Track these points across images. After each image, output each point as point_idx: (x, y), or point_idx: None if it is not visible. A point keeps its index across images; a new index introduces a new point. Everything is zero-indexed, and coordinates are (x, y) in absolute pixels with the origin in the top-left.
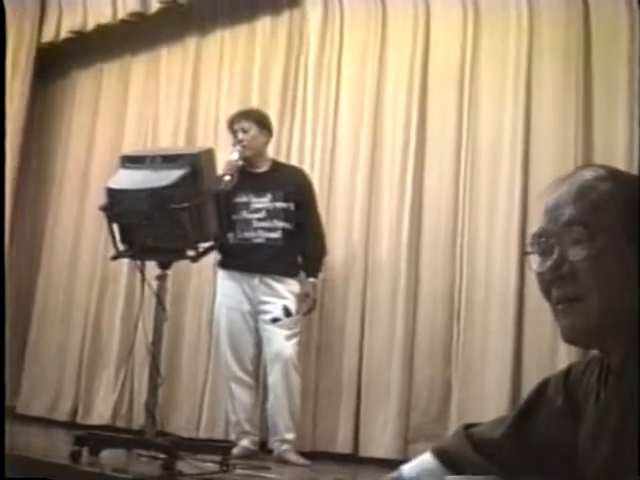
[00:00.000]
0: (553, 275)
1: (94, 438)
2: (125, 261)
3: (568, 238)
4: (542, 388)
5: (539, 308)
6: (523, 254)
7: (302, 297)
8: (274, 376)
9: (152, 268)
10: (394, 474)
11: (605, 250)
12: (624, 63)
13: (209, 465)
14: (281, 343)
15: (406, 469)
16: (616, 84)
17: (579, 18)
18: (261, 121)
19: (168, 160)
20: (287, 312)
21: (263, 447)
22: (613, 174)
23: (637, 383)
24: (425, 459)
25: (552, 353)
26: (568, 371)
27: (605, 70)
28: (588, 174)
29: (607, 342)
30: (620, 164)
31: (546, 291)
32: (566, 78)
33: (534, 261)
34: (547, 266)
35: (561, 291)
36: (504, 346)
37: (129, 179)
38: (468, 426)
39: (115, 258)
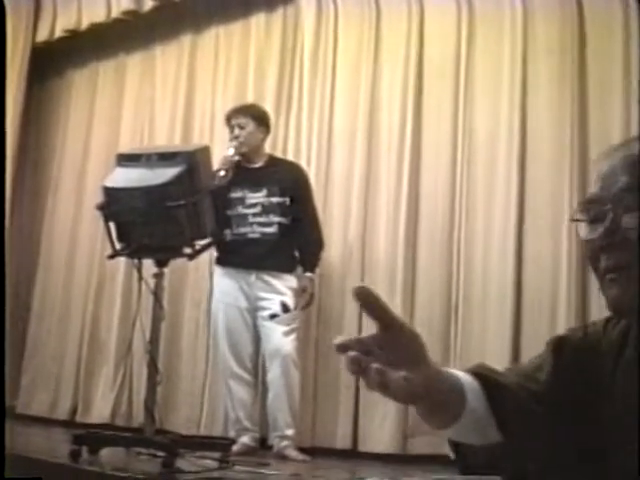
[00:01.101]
0: (604, 242)
1: (93, 437)
2: (122, 259)
3: (622, 205)
4: (562, 339)
5: (536, 302)
6: (571, 220)
7: (299, 292)
8: (273, 372)
9: (149, 266)
10: (456, 382)
11: None
12: (619, 61)
13: (209, 462)
14: (280, 339)
15: (468, 393)
16: (611, 82)
17: (573, 17)
18: (259, 117)
19: (164, 158)
20: (285, 308)
21: (263, 443)
22: None
23: None
24: (472, 385)
25: None
26: (586, 326)
27: (600, 69)
28: None
29: None
30: None
31: (594, 260)
32: (561, 77)
33: (582, 228)
34: (599, 232)
35: (612, 259)
36: (502, 341)
37: (125, 177)
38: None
39: (112, 257)
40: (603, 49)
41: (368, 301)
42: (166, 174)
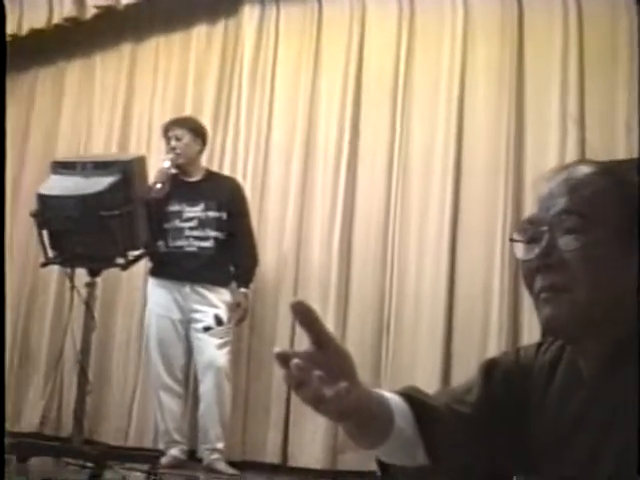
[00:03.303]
0: (540, 262)
1: (22, 446)
2: (55, 268)
3: (560, 227)
4: (493, 361)
5: (468, 322)
6: (510, 241)
7: (233, 307)
8: (206, 385)
9: (82, 275)
10: (384, 400)
11: (598, 244)
12: (557, 79)
13: (137, 474)
14: (213, 352)
15: (396, 414)
16: (548, 100)
17: (513, 32)
18: (195, 129)
19: (99, 167)
20: (219, 321)
21: (192, 456)
22: (610, 170)
23: (619, 396)
24: (401, 406)
25: None
26: (517, 349)
27: (537, 85)
28: (586, 168)
29: (586, 340)
30: None
31: (530, 280)
32: (499, 92)
33: (519, 249)
34: (535, 253)
35: (547, 280)
36: (433, 360)
37: (60, 185)
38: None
39: (45, 265)
40: (541, 65)
41: (305, 316)
42: (101, 183)
